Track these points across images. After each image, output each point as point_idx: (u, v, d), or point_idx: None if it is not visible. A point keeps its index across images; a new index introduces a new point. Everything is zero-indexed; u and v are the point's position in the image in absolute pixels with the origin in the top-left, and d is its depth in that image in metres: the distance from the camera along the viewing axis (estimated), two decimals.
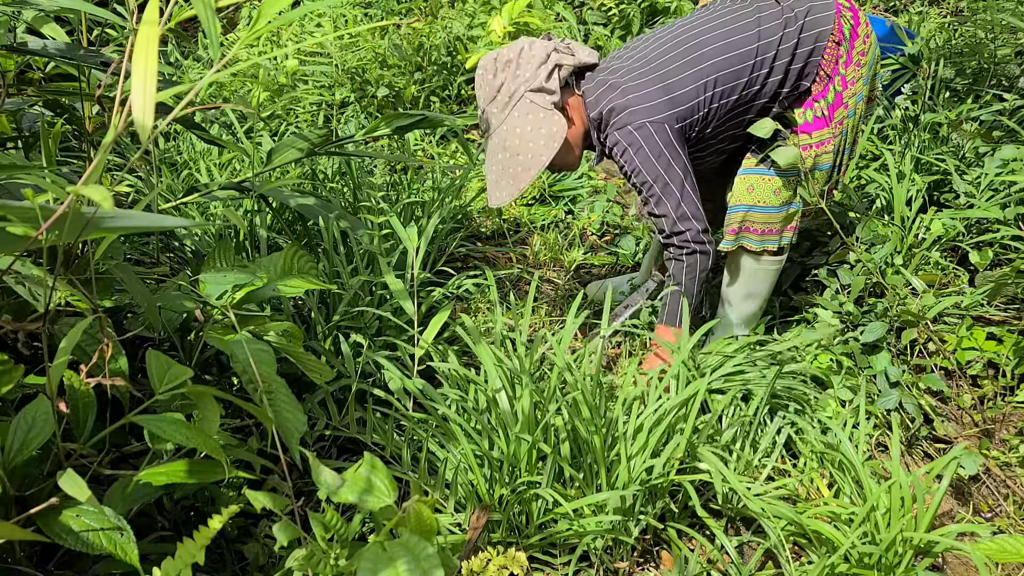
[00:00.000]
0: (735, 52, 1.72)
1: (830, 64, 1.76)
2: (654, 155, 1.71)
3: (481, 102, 1.78)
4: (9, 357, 1.00)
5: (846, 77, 1.77)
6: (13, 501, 0.99)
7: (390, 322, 1.91)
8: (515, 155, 1.73)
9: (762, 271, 1.96)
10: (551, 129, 1.72)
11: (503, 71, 1.73)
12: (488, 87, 1.75)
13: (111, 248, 1.20)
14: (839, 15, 1.74)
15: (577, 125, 1.81)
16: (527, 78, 1.72)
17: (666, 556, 1.52)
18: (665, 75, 1.72)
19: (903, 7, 4.18)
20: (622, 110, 1.71)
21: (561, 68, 1.74)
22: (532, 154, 1.72)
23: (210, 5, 0.90)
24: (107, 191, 0.65)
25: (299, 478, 1.62)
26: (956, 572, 1.54)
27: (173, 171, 2.82)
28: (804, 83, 1.77)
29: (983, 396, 1.88)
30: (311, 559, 0.92)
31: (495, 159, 1.77)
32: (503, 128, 1.74)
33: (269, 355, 1.18)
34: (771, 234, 1.88)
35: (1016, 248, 2.21)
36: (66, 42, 1.39)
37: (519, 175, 1.73)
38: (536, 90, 1.72)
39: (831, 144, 1.80)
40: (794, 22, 1.73)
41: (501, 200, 1.75)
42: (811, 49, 1.73)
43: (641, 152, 1.71)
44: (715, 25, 1.75)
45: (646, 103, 1.70)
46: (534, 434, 1.44)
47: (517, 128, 1.72)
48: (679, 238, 1.76)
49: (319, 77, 3.51)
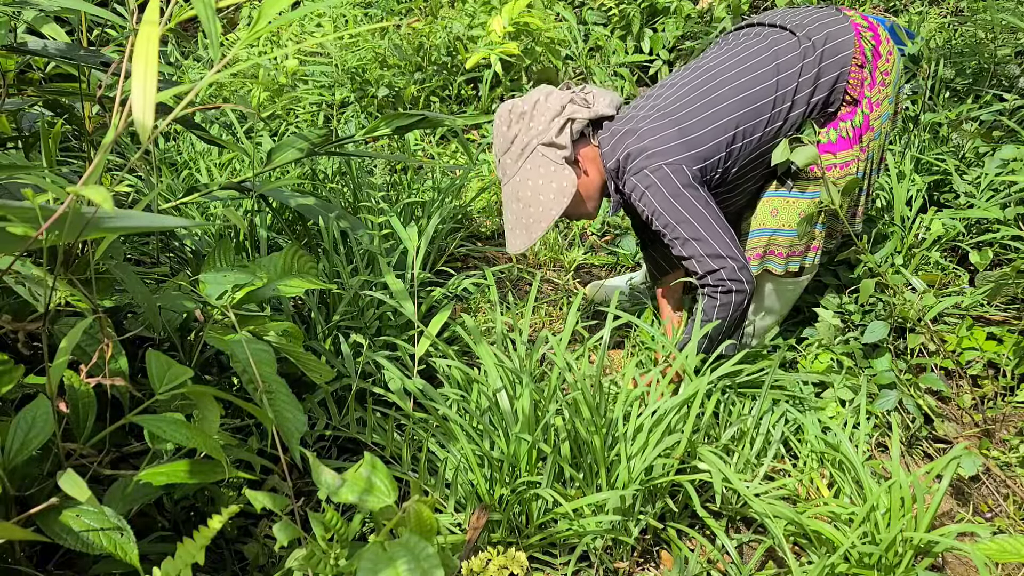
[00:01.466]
0: (754, 90, 1.69)
1: (856, 88, 1.72)
2: (672, 195, 1.67)
3: (496, 151, 1.79)
4: (9, 357, 1.00)
5: (872, 99, 1.73)
6: (13, 501, 0.99)
7: (390, 322, 1.91)
8: (527, 206, 1.75)
9: (782, 291, 1.94)
10: (561, 184, 1.73)
11: (517, 123, 1.74)
12: (503, 137, 1.77)
13: (111, 248, 1.20)
14: (859, 37, 1.70)
15: (593, 176, 1.79)
16: (539, 131, 1.72)
17: (666, 556, 1.52)
18: (683, 119, 1.69)
19: (903, 7, 4.18)
20: (639, 155, 1.69)
21: (574, 122, 1.73)
22: (543, 207, 1.74)
23: (210, 5, 0.90)
24: (107, 191, 0.65)
25: (299, 478, 1.62)
26: (956, 572, 1.54)
27: (173, 171, 2.82)
28: (830, 110, 1.74)
29: (983, 396, 1.88)
30: (311, 559, 0.92)
31: (510, 207, 1.78)
32: (516, 179, 1.75)
33: (269, 355, 1.18)
34: (795, 255, 1.85)
35: (1016, 248, 2.21)
36: (66, 42, 1.39)
37: (531, 226, 1.75)
38: (548, 144, 1.72)
39: (854, 167, 1.76)
40: (812, 51, 1.69)
41: (517, 248, 1.78)
42: (836, 76, 1.69)
43: (659, 194, 1.67)
44: (731, 65, 1.73)
45: (663, 146, 1.67)
46: (534, 434, 1.44)
47: (529, 181, 1.74)
48: (713, 277, 1.68)
49: (319, 77, 3.51)
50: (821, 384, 1.89)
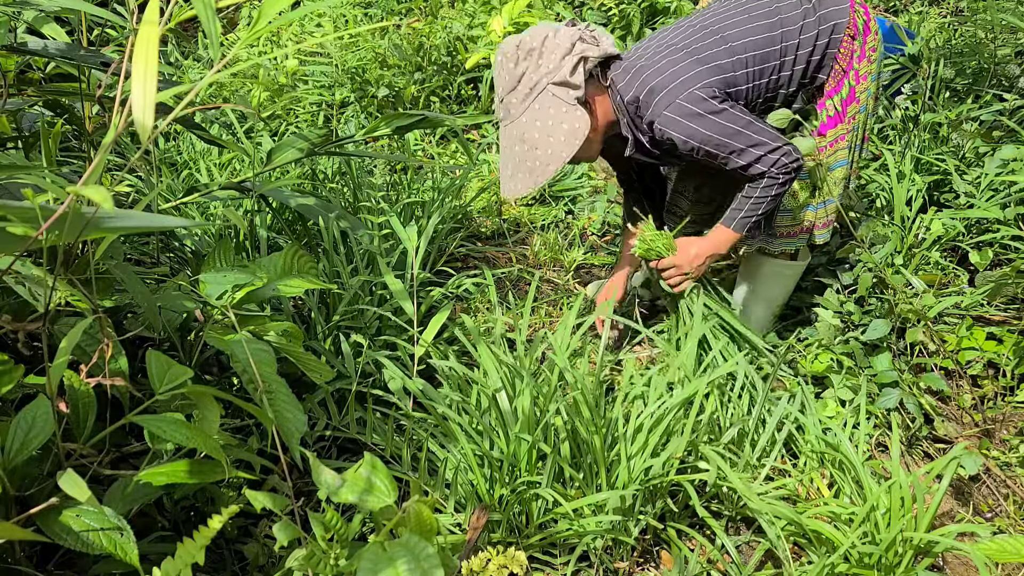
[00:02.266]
0: (760, 36, 1.69)
1: (845, 58, 1.75)
2: (712, 113, 1.63)
3: (500, 90, 1.70)
4: (9, 357, 1.00)
5: (859, 72, 1.76)
6: (13, 501, 0.99)
7: (390, 322, 1.91)
8: (533, 148, 1.66)
9: (779, 276, 1.94)
10: (573, 125, 1.65)
11: (525, 60, 1.65)
12: (508, 75, 1.67)
13: (111, 248, 1.20)
14: (853, 10, 1.74)
15: (600, 118, 1.73)
16: (550, 69, 1.64)
17: (666, 556, 1.52)
18: (699, 51, 1.67)
19: (903, 7, 4.18)
20: (664, 87, 1.64)
21: (587, 60, 1.66)
22: (552, 149, 1.65)
23: (210, 5, 0.90)
24: (107, 191, 0.65)
25: (299, 478, 1.62)
26: (956, 572, 1.54)
27: (173, 171, 2.82)
28: (821, 76, 1.77)
29: (983, 396, 1.88)
30: (311, 559, 0.92)
31: (512, 150, 1.70)
32: (522, 120, 1.66)
33: (269, 355, 1.18)
34: (791, 237, 1.86)
35: (1016, 248, 2.21)
36: (66, 42, 1.39)
37: (536, 169, 1.67)
38: (559, 83, 1.64)
39: (845, 141, 1.80)
40: (812, 13, 1.72)
41: (516, 192, 1.69)
42: (828, 41, 1.72)
43: (698, 118, 1.63)
44: (736, 13, 1.73)
45: (688, 72, 1.64)
46: (534, 434, 1.44)
47: (537, 122, 1.65)
48: (776, 167, 1.67)
49: (319, 77, 3.51)
50: (821, 384, 1.89)
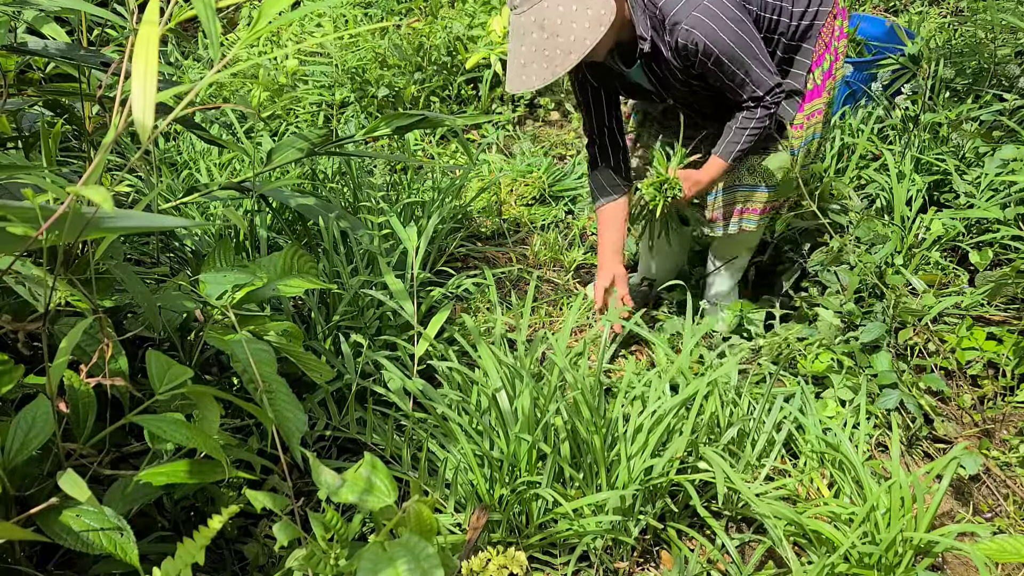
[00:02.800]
0: None
1: (828, 33, 1.83)
2: (733, 21, 1.63)
3: None
4: (9, 357, 1.00)
5: (838, 50, 1.86)
6: (13, 501, 0.99)
7: (390, 322, 1.91)
8: (554, 36, 1.56)
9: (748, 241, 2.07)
10: (599, 11, 1.55)
11: None
12: None
13: (111, 248, 1.20)
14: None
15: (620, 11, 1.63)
16: None
17: (666, 556, 1.52)
18: None
19: (903, 7, 4.18)
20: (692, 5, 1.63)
21: None
22: (575, 36, 1.55)
23: (210, 5, 0.90)
24: (107, 191, 0.65)
25: (299, 478, 1.62)
26: (956, 572, 1.54)
27: (173, 171, 2.82)
28: (806, 45, 1.83)
29: (983, 396, 1.88)
30: (311, 559, 0.92)
31: (528, 39, 1.58)
32: (542, 4, 1.55)
33: (269, 355, 1.18)
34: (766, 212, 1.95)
35: (1016, 248, 2.21)
36: (66, 42, 1.39)
37: (556, 58, 1.56)
38: None
39: (822, 114, 1.89)
40: None
41: (528, 84, 1.59)
42: (817, 12, 1.80)
43: (724, 23, 1.62)
44: None
45: None
46: (534, 434, 1.44)
47: (560, 7, 1.54)
48: (772, 95, 1.72)
49: (319, 77, 3.51)
50: (821, 384, 1.89)
